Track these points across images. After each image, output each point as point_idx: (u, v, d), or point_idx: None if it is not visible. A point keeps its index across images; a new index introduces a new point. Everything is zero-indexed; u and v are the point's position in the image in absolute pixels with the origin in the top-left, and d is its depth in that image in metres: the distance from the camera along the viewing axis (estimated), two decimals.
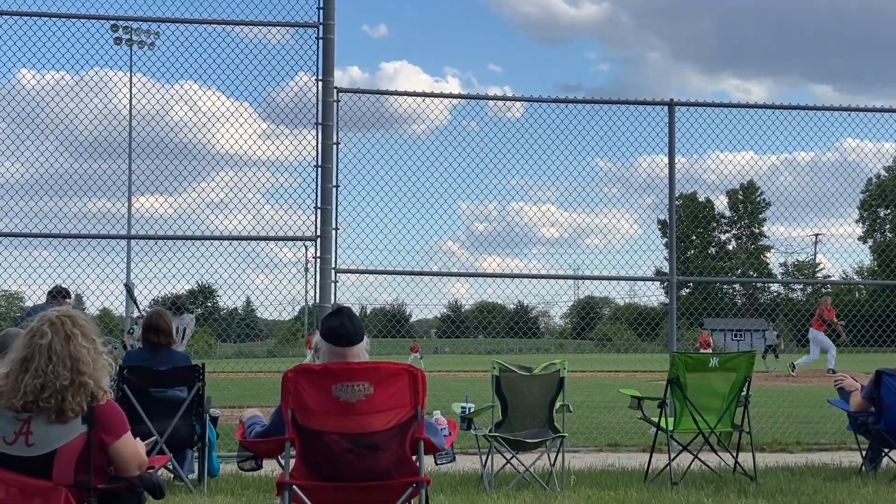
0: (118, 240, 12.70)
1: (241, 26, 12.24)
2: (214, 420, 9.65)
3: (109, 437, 4.88)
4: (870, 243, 56.55)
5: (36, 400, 4.70)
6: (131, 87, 13.84)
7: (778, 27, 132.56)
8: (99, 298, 12.84)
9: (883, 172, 17.19)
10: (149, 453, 5.57)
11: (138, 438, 5.20)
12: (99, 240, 12.29)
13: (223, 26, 12.22)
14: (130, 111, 14.05)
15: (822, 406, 13.79)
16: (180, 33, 12.22)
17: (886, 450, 9.94)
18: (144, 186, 12.55)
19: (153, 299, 13.98)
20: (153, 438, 7.70)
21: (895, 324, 14.65)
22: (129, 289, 12.68)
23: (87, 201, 12.39)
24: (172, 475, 9.18)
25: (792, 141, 13.72)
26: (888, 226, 59.26)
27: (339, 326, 5.43)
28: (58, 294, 12.50)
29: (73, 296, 12.61)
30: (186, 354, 10.22)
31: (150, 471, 5.31)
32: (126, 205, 14.96)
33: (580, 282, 17.64)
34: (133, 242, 13.38)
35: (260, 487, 8.95)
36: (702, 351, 34.42)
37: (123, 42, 34.45)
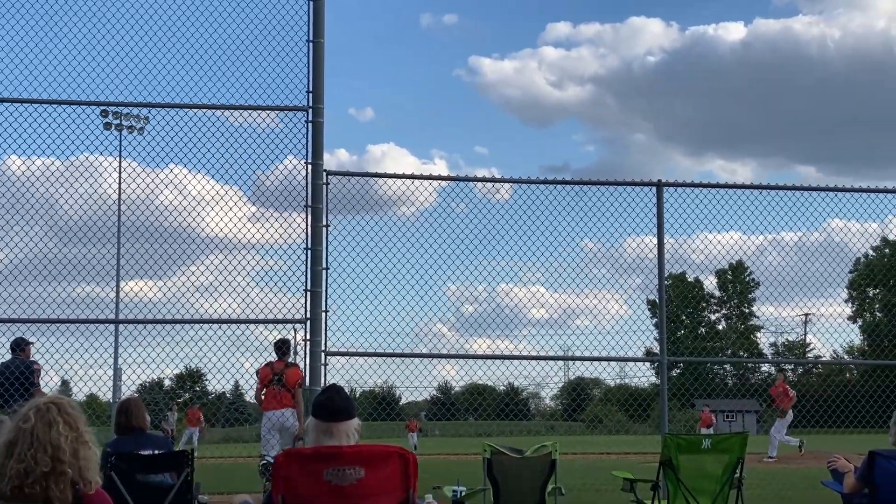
0: (106, 324, 12.66)
1: (231, 111, 12.34)
2: None
3: None
4: (859, 323, 56.72)
5: (21, 486, 4.65)
6: (120, 173, 13.90)
7: (761, 109, 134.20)
8: (87, 384, 12.78)
9: (871, 252, 17.26)
10: None
11: None
12: (87, 325, 12.26)
13: (212, 111, 12.33)
14: (119, 196, 14.09)
15: (815, 488, 13.68)
16: (170, 118, 12.32)
17: None
18: (133, 271, 12.56)
19: (141, 384, 13.91)
20: None
21: (887, 404, 14.59)
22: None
23: (75, 286, 12.38)
24: None
25: (779, 221, 13.82)
26: (877, 305, 59.45)
27: (327, 401, 5.41)
28: (17, 347, 12.55)
29: (33, 342, 12.69)
30: (166, 438, 10.12)
31: None
32: (114, 289, 14.93)
33: (570, 363, 17.64)
34: (121, 327, 13.34)
35: None
36: (702, 431, 34.19)
37: (113, 127, 34.78)
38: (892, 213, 14.28)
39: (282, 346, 13.84)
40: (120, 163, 14.40)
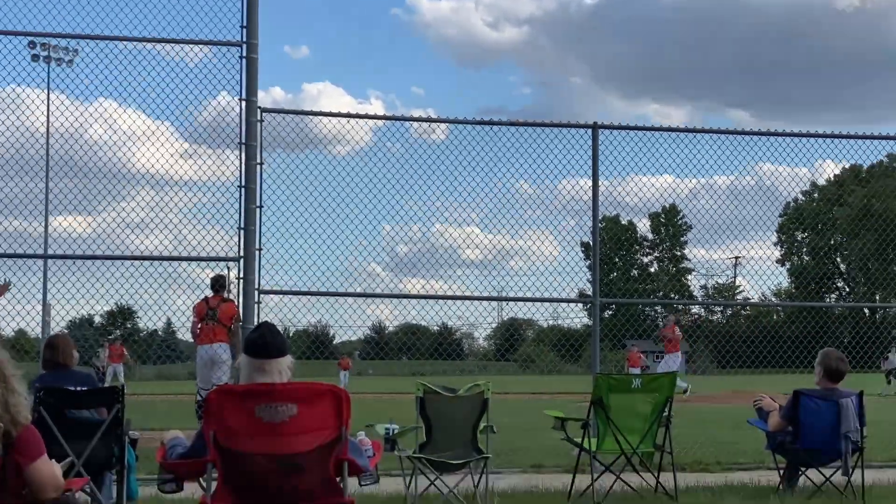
0: (34, 259, 12.46)
1: (163, 44, 12.09)
2: (134, 442, 9.47)
3: (25, 460, 4.77)
4: (787, 266, 57.78)
5: None
6: (49, 106, 13.62)
7: (697, 53, 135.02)
8: (15, 319, 12.59)
9: (800, 196, 17.52)
10: (65, 475, 5.45)
11: (53, 460, 5.08)
12: (14, 259, 12.06)
13: (144, 44, 12.08)
14: (48, 130, 13.81)
15: (741, 426, 13.97)
16: (100, 50, 12.04)
17: (803, 468, 10.09)
18: (62, 206, 12.34)
19: (70, 320, 13.78)
20: (69, 459, 7.52)
21: (812, 345, 14.87)
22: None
23: (1, 220, 12.15)
24: (90, 499, 8.98)
25: (712, 165, 13.91)
26: (805, 249, 60.55)
27: (259, 338, 5.43)
28: None
29: None
30: (90, 374, 10.09)
31: (69, 493, 5.19)
32: (43, 224, 14.70)
33: (504, 304, 17.75)
34: (50, 262, 13.16)
35: None
36: (631, 370, 34.74)
37: (41, 59, 33.94)
38: (821, 158, 14.47)
39: (217, 282, 13.97)
40: (49, 95, 14.12)
